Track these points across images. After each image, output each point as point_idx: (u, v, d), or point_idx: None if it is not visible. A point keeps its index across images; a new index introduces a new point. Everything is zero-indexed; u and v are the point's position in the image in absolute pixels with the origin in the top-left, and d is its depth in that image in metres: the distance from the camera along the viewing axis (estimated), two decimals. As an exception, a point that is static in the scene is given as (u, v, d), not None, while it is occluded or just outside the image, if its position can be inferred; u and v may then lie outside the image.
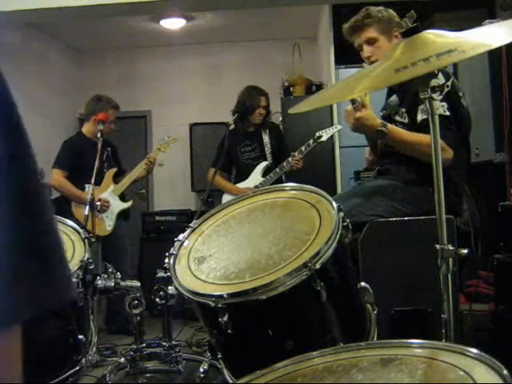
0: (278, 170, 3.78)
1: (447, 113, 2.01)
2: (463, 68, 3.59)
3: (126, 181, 3.97)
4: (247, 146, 4.02)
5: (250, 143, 4.02)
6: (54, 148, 3.98)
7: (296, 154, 3.70)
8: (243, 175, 3.99)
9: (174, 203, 5.80)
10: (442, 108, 2.00)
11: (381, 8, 2.29)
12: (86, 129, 3.96)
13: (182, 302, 1.64)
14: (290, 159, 3.71)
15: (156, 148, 4.15)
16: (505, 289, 2.59)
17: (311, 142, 3.69)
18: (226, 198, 3.89)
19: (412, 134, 2.09)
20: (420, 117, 2.09)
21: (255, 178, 3.91)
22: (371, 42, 2.25)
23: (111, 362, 2.34)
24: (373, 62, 2.20)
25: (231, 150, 4.01)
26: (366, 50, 2.26)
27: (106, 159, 3.97)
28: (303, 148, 3.70)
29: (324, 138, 3.69)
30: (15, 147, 0.45)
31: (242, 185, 3.93)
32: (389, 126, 2.06)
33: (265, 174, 3.90)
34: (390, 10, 2.30)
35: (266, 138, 3.99)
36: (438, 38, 1.28)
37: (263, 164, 3.94)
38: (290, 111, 1.59)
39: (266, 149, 3.97)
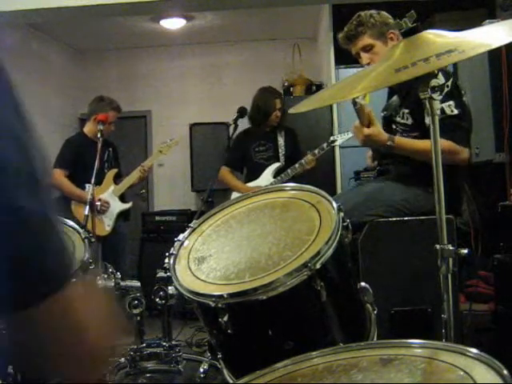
0: (289, 171, 3.77)
1: (455, 111, 2.02)
2: (463, 68, 3.59)
3: (125, 183, 3.98)
4: (261, 146, 4.01)
5: (265, 143, 4.01)
6: (54, 148, 3.98)
7: (309, 155, 3.70)
8: (254, 175, 3.97)
9: (173, 203, 5.80)
10: (448, 108, 2.01)
11: (373, 12, 2.28)
12: (88, 129, 3.96)
13: (182, 302, 1.64)
14: (302, 161, 3.70)
15: (157, 150, 4.15)
16: (505, 289, 2.59)
17: (325, 145, 3.70)
18: (234, 195, 3.89)
19: (419, 142, 2.09)
20: (428, 120, 2.09)
21: (266, 178, 3.90)
22: (367, 48, 2.25)
23: (111, 362, 2.33)
24: None
25: (245, 149, 4.02)
26: (364, 57, 2.26)
27: (106, 159, 3.98)
28: (316, 151, 3.70)
29: (338, 142, 3.72)
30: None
31: (252, 184, 3.91)
32: (396, 138, 2.09)
33: (276, 175, 3.89)
34: (383, 12, 2.30)
35: (281, 140, 3.99)
36: (437, 37, 1.28)
37: (275, 165, 3.93)
38: (291, 111, 1.60)
39: (280, 150, 3.96)
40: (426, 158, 2.10)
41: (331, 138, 3.73)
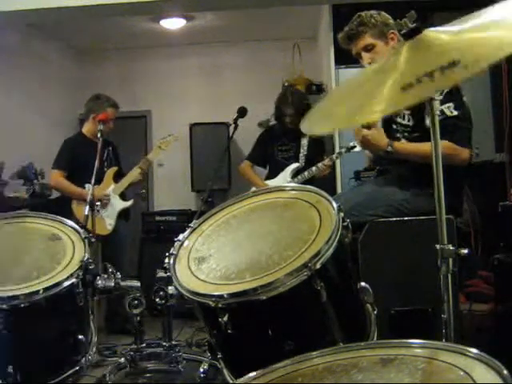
0: (306, 173, 3.77)
1: (455, 112, 2.02)
2: (463, 68, 3.58)
3: (125, 181, 3.97)
4: (284, 145, 4.03)
5: (288, 142, 4.02)
6: (54, 148, 3.98)
7: (326, 160, 3.69)
8: (275, 173, 3.98)
9: (174, 203, 5.79)
10: (448, 109, 2.01)
11: (373, 12, 2.29)
12: (86, 128, 3.96)
13: (182, 302, 1.64)
14: (319, 164, 3.70)
15: (157, 146, 4.15)
16: (505, 289, 2.59)
17: (343, 150, 3.68)
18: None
19: (418, 146, 2.09)
20: (428, 121, 2.09)
21: (284, 178, 3.90)
22: (369, 48, 2.26)
23: (111, 362, 2.34)
24: None
25: (268, 147, 4.05)
26: (366, 57, 2.27)
27: (106, 158, 3.97)
28: (334, 156, 3.71)
29: (358, 149, 3.69)
30: None
31: (270, 183, 3.91)
32: (395, 144, 2.10)
33: (294, 175, 3.90)
34: (383, 13, 2.31)
35: (304, 141, 3.98)
36: (439, 38, 1.25)
37: (294, 165, 3.93)
38: (305, 131, 1.50)
39: (302, 151, 3.96)
40: (427, 161, 2.11)
41: (351, 144, 3.70)
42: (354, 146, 3.67)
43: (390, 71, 1.27)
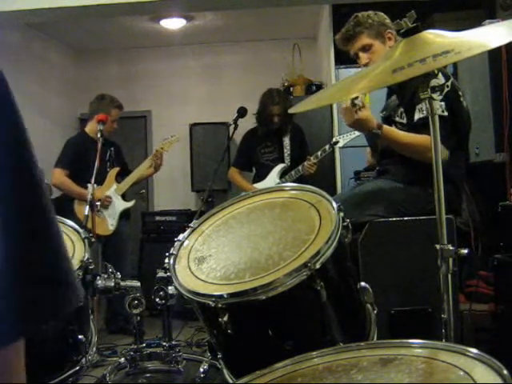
0: (293, 173, 3.79)
1: (445, 113, 2.01)
2: (463, 68, 3.58)
3: (129, 180, 3.97)
4: (267, 148, 4.03)
5: (271, 144, 4.02)
6: (54, 148, 3.98)
7: (312, 158, 3.68)
8: (262, 176, 4.00)
9: (174, 203, 5.80)
10: (440, 108, 2.00)
11: (370, 12, 2.30)
12: (89, 128, 3.96)
13: (182, 302, 1.64)
14: (305, 163, 3.71)
15: (159, 147, 4.15)
16: (505, 289, 2.59)
17: (327, 147, 3.67)
18: None
19: (406, 135, 2.09)
20: (417, 116, 2.08)
21: (272, 179, 3.91)
22: (366, 48, 2.27)
23: (111, 362, 2.34)
24: None
25: (251, 150, 4.06)
26: (363, 57, 2.27)
27: (108, 159, 3.97)
28: (319, 153, 3.69)
29: (341, 144, 3.69)
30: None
31: (259, 185, 3.92)
32: (384, 127, 2.07)
33: (282, 176, 3.91)
34: (380, 13, 2.31)
35: (286, 140, 3.99)
36: (437, 38, 1.28)
37: (280, 166, 3.94)
38: (290, 111, 1.63)
39: (285, 151, 3.97)
40: (410, 152, 2.10)
41: (334, 139, 3.72)
42: (337, 142, 3.67)
43: (384, 61, 1.31)
